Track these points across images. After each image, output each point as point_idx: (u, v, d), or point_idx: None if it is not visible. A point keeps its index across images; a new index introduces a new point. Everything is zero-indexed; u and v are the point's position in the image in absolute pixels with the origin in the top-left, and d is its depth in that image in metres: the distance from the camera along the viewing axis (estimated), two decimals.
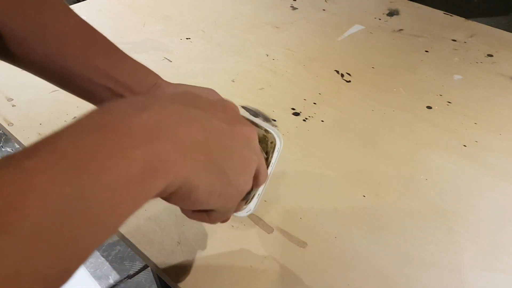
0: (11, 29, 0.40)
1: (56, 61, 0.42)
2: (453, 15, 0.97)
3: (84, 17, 0.45)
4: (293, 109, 0.71)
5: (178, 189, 0.25)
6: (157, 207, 0.54)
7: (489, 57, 0.83)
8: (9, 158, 0.19)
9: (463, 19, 0.95)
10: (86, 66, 0.43)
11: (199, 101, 0.29)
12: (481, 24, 0.93)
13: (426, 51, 0.85)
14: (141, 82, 0.46)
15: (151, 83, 0.46)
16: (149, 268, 0.65)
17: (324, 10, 0.99)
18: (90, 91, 0.44)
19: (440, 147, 0.64)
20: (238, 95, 0.74)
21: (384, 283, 0.47)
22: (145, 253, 0.49)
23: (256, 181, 0.34)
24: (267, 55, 0.84)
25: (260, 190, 0.46)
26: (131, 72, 0.46)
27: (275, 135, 0.48)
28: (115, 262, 1.41)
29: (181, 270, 0.48)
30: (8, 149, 1.87)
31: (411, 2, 1.02)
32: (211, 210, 0.32)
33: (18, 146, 0.66)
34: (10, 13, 0.40)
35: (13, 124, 0.67)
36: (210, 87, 0.76)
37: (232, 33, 0.91)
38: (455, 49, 0.86)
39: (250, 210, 0.43)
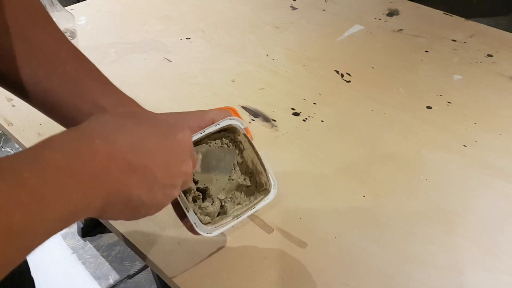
0: (0, 45, 0.39)
1: (42, 84, 0.41)
2: (453, 15, 0.97)
3: (84, 17, 0.45)
4: (293, 109, 0.71)
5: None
6: None
7: (489, 57, 0.83)
8: None
9: (463, 19, 0.95)
10: (73, 92, 0.42)
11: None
12: (481, 24, 0.93)
13: (426, 51, 0.85)
14: None
15: None
16: (149, 268, 0.65)
17: (324, 10, 0.99)
18: (73, 118, 0.43)
19: (440, 147, 0.64)
20: (238, 95, 0.74)
21: (384, 283, 0.47)
22: (145, 253, 0.49)
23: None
24: (267, 55, 0.84)
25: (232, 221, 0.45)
26: (119, 102, 0.44)
27: (272, 185, 0.47)
28: (115, 262, 1.41)
29: (181, 270, 0.48)
30: (8, 149, 1.86)
31: (411, 2, 1.02)
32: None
33: (18, 146, 0.66)
34: (2, 30, 0.39)
35: (13, 124, 0.67)
36: (210, 87, 0.76)
37: (232, 33, 0.91)
38: (455, 49, 0.86)
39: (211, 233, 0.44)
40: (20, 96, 0.43)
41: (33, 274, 0.56)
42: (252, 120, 0.69)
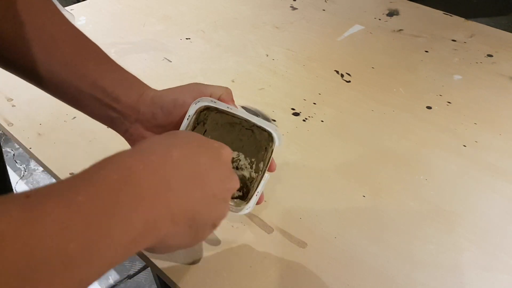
0: (1, 31, 0.40)
1: (44, 66, 0.42)
2: (453, 15, 0.97)
3: (84, 17, 0.45)
4: (293, 109, 0.71)
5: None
6: None
7: (489, 57, 0.83)
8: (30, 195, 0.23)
9: (463, 19, 0.95)
10: (73, 73, 0.43)
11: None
12: (481, 24, 0.93)
13: (426, 51, 0.85)
14: (128, 93, 0.45)
15: (138, 93, 0.46)
16: (149, 268, 0.65)
17: (324, 10, 0.99)
18: (77, 98, 0.44)
19: (440, 147, 0.64)
20: (238, 95, 0.74)
21: (384, 283, 0.47)
22: (145, 253, 0.49)
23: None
24: (267, 55, 0.84)
25: (260, 188, 0.47)
26: (119, 82, 0.45)
27: (274, 134, 0.47)
28: None
29: (181, 270, 0.48)
30: (8, 149, 1.86)
31: (411, 2, 1.02)
32: None
33: (18, 146, 0.66)
34: (3, 18, 0.39)
35: (13, 124, 0.67)
36: None
37: (232, 33, 0.91)
38: (455, 49, 0.86)
39: (249, 207, 0.46)
40: (27, 79, 0.44)
41: None
42: None
